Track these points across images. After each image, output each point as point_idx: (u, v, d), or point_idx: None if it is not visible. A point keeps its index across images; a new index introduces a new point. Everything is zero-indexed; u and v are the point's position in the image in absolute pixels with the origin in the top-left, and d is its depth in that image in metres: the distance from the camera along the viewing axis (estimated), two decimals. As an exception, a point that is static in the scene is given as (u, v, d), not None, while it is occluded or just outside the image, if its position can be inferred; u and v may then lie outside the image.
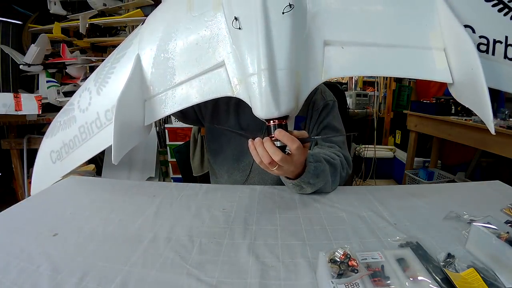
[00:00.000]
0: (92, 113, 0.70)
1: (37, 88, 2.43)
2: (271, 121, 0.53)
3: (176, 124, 2.49)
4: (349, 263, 0.40)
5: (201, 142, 1.29)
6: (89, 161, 2.27)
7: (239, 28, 0.54)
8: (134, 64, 0.64)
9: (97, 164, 2.46)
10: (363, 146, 2.95)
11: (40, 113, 1.87)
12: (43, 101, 1.87)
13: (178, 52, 0.62)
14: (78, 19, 2.58)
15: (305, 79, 0.54)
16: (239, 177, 0.94)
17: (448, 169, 2.73)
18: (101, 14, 2.76)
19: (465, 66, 0.51)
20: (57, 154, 0.79)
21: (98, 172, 2.36)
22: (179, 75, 0.60)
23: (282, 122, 0.53)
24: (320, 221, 0.61)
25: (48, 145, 0.82)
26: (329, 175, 0.72)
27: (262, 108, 0.52)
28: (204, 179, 1.24)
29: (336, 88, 1.21)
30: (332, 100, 0.94)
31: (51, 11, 2.64)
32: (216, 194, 0.75)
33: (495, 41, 0.56)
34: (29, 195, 2.11)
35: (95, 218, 0.63)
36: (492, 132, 0.50)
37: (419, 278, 0.40)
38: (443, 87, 2.68)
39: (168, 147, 2.60)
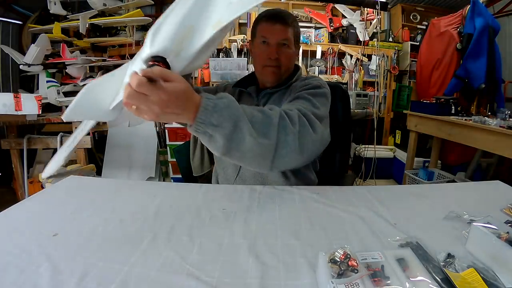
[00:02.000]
0: None
1: (37, 88, 2.43)
2: (149, 62, 0.52)
3: (176, 124, 2.49)
4: (349, 263, 0.40)
5: (201, 142, 1.28)
6: (89, 161, 2.27)
7: None
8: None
9: (97, 164, 2.47)
10: (363, 146, 2.95)
11: (40, 113, 1.87)
12: (43, 101, 1.87)
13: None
14: (78, 19, 2.58)
15: (197, 30, 0.53)
16: (231, 172, 0.96)
17: (448, 169, 2.72)
18: (101, 14, 2.76)
19: None
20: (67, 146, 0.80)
21: (98, 172, 2.37)
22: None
23: (155, 63, 0.51)
24: (320, 221, 0.61)
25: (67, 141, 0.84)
26: (244, 116, 0.58)
27: (142, 49, 0.52)
28: (204, 179, 1.24)
29: (339, 88, 1.15)
30: (317, 81, 0.90)
31: (51, 11, 2.64)
32: (216, 194, 0.75)
33: None
34: (29, 195, 2.12)
35: (95, 218, 0.63)
36: None
37: (419, 278, 0.40)
38: (443, 87, 2.68)
39: (168, 147, 2.60)
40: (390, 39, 3.46)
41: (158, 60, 0.52)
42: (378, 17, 3.20)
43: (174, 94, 0.50)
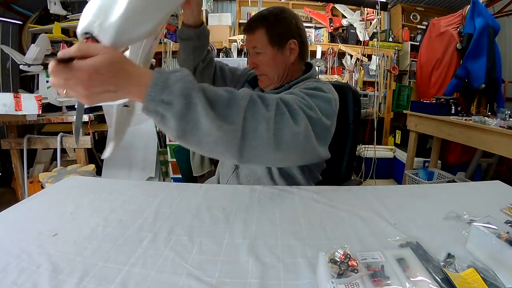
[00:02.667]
0: None
1: (37, 88, 2.43)
2: (83, 41, 0.49)
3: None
4: (349, 263, 0.40)
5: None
6: (89, 161, 2.26)
7: None
8: None
9: (97, 164, 2.46)
10: (363, 146, 2.95)
11: (40, 113, 1.87)
12: (43, 101, 1.87)
13: None
14: (78, 19, 2.57)
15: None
16: (229, 168, 0.96)
17: (448, 169, 2.73)
18: (101, 14, 2.76)
19: None
20: None
21: (98, 172, 2.37)
22: None
23: (88, 40, 0.48)
24: (320, 221, 0.61)
25: None
26: (199, 92, 0.51)
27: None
28: (204, 179, 1.24)
29: (349, 88, 1.06)
30: (322, 84, 0.82)
31: (51, 11, 2.64)
32: (216, 194, 0.75)
33: None
34: (29, 195, 2.12)
35: (95, 218, 0.63)
36: None
37: (419, 278, 0.40)
38: (443, 87, 2.68)
39: (168, 147, 2.60)
40: (390, 39, 3.47)
41: (89, 37, 0.47)
42: (378, 17, 3.21)
43: (94, 69, 0.43)
